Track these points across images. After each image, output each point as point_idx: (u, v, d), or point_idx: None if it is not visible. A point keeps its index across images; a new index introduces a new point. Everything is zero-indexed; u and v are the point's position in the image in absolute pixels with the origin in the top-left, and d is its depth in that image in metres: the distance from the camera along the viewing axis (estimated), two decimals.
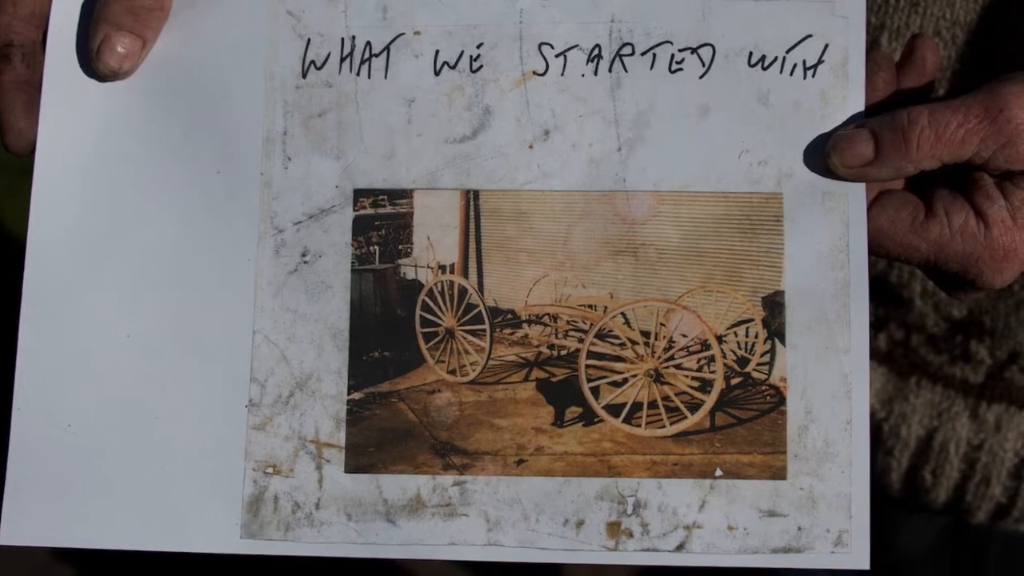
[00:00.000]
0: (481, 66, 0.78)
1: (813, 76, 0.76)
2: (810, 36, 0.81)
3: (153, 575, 1.93)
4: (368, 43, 0.79)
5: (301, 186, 0.84)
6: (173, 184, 0.78)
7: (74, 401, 0.74)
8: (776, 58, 0.76)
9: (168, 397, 0.76)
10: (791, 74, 0.76)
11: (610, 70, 0.77)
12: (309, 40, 0.85)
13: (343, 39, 0.85)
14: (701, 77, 0.77)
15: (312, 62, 0.79)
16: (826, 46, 0.75)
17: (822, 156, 0.81)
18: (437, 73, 0.84)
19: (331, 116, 0.84)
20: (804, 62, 0.76)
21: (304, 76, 0.80)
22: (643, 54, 0.77)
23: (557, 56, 0.77)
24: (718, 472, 0.81)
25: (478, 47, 0.77)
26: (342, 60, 0.84)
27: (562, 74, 0.78)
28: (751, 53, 0.77)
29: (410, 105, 0.79)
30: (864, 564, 0.72)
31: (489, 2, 0.83)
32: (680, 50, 0.76)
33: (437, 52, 0.78)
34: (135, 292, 0.76)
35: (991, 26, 0.77)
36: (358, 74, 0.84)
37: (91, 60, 0.72)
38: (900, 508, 1.06)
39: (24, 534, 0.71)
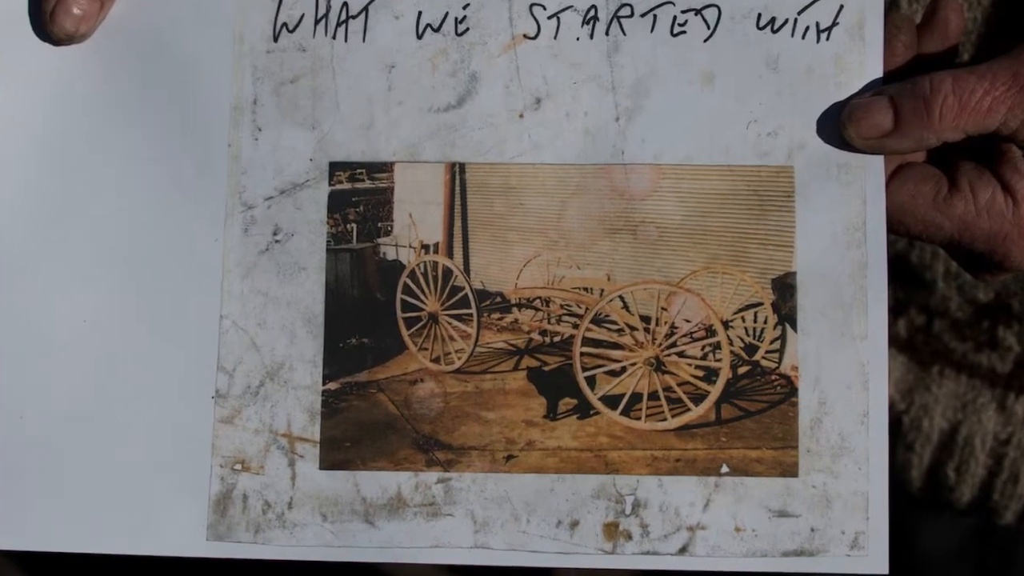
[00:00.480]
0: (467, 28, 0.77)
1: (827, 39, 0.75)
2: None
3: None
4: (345, 3, 0.77)
5: (272, 159, 0.84)
6: (133, 157, 0.77)
7: (26, 391, 0.73)
8: (787, 20, 0.75)
9: (128, 388, 0.76)
10: (803, 37, 0.75)
11: (607, 33, 0.77)
12: (281, 0, 0.84)
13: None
14: (706, 41, 0.77)
15: (284, 24, 0.78)
16: (841, 7, 0.74)
17: (837, 126, 0.81)
18: (419, 36, 0.83)
19: (304, 83, 0.84)
20: (817, 24, 0.75)
21: (275, 39, 0.79)
22: (643, 16, 0.76)
23: (550, 18, 0.76)
24: (724, 469, 0.81)
25: (464, 8, 0.76)
26: (316, 22, 0.83)
27: (555, 37, 0.77)
28: (760, 15, 0.76)
29: (390, 71, 0.79)
30: (882, 568, 0.72)
31: None
32: (683, 11, 0.75)
33: (419, 13, 0.77)
34: (92, 274, 0.75)
35: None
36: (334, 37, 0.84)
37: (44, 23, 0.71)
38: (921, 508, 1.07)
39: None
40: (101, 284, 0.75)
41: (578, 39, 0.81)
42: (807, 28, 0.79)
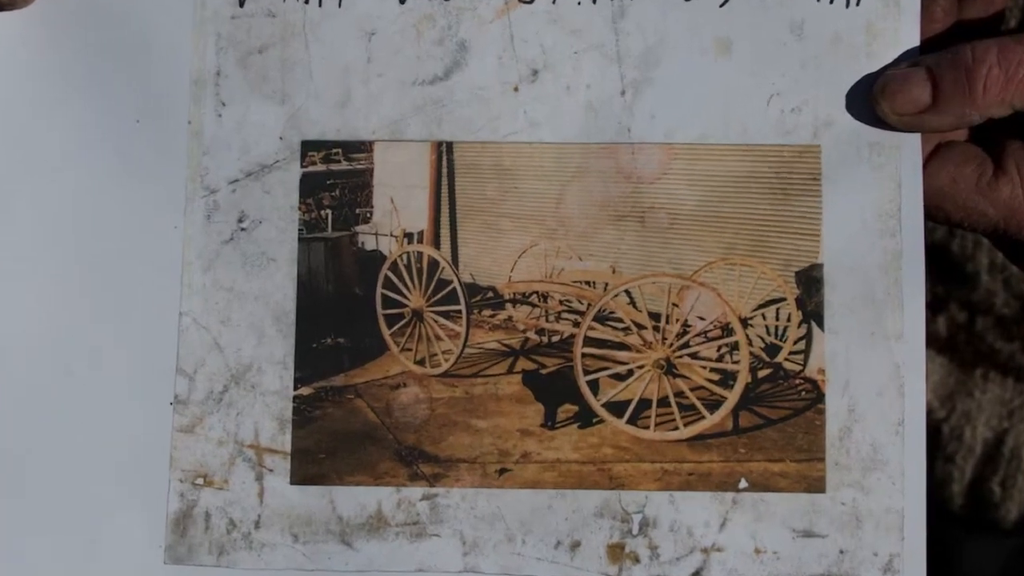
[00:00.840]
0: None
1: (857, 4, 0.74)
2: None
3: None
4: None
5: (237, 137, 0.82)
6: (83, 136, 0.76)
7: None
8: None
9: (78, 392, 0.75)
10: (831, 1, 0.74)
11: None
12: None
13: None
14: (722, 5, 0.75)
15: None
16: None
17: (868, 101, 0.80)
18: (402, 0, 0.82)
19: (274, 52, 0.82)
20: None
21: (241, 4, 0.79)
22: None
23: None
24: (743, 483, 0.80)
25: None
26: None
27: (554, 2, 0.76)
28: None
29: (370, 39, 0.78)
30: None
31: None
32: None
33: None
34: (39, 266, 0.75)
35: None
36: (307, 2, 0.83)
37: None
38: (962, 527, 1.06)
39: None
40: (44, 276, 0.75)
41: (579, 3, 0.79)
42: None
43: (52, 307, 0.78)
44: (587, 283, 0.80)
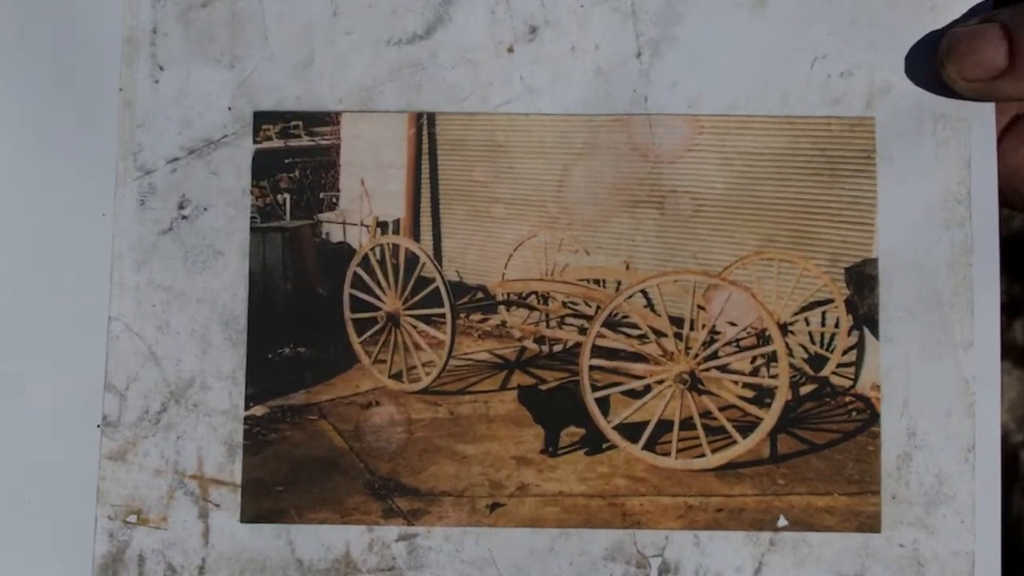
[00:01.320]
0: None
1: None
2: None
3: None
4: None
5: (177, 108, 0.80)
6: None
7: None
8: None
9: None
10: None
11: None
12: None
13: None
14: None
15: None
16: None
17: (932, 64, 0.78)
18: None
19: (221, 6, 0.80)
20: None
21: None
22: None
23: None
24: (782, 521, 0.78)
25: None
26: None
27: None
28: None
29: None
30: None
31: None
32: None
33: None
34: None
35: None
36: None
37: None
38: None
39: None
40: None
41: None
42: None
43: None
44: (596, 282, 0.77)
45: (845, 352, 0.77)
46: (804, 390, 0.77)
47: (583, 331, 0.77)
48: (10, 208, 0.76)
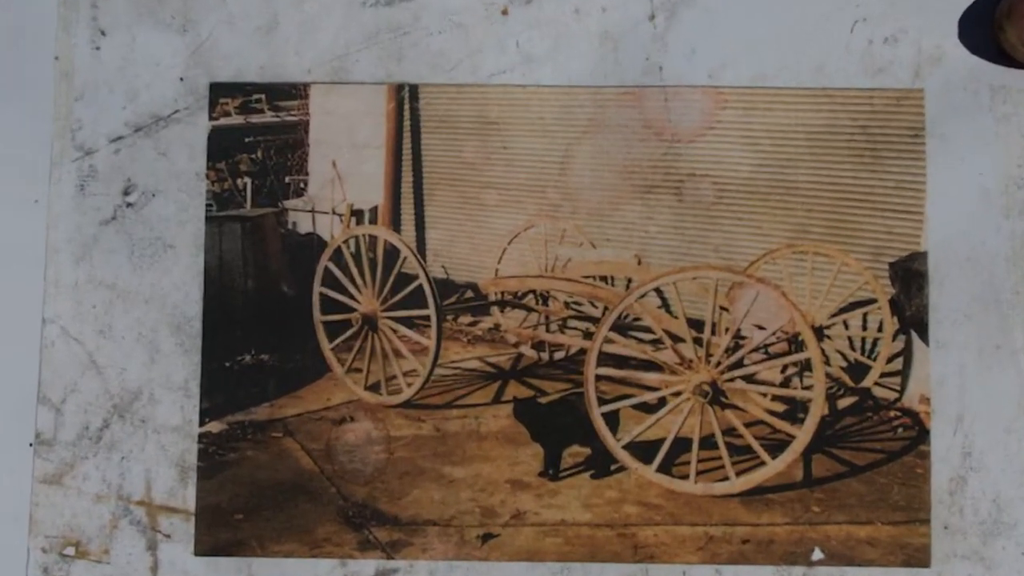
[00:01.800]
0: None
1: None
2: None
3: None
4: None
5: (122, 79, 0.78)
6: None
7: None
8: None
9: None
10: None
11: None
12: None
13: None
14: None
15: None
16: None
17: (989, 28, 0.75)
18: None
19: None
20: None
21: None
22: None
23: None
24: (817, 554, 0.75)
25: None
26: None
27: None
28: None
29: None
30: None
31: None
32: None
33: None
34: None
35: None
36: None
37: None
38: None
39: None
40: None
41: None
42: None
43: None
44: (603, 279, 0.74)
45: (890, 360, 0.74)
46: (842, 404, 0.75)
47: (588, 336, 0.74)
48: None
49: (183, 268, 0.74)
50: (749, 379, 0.75)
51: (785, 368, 0.75)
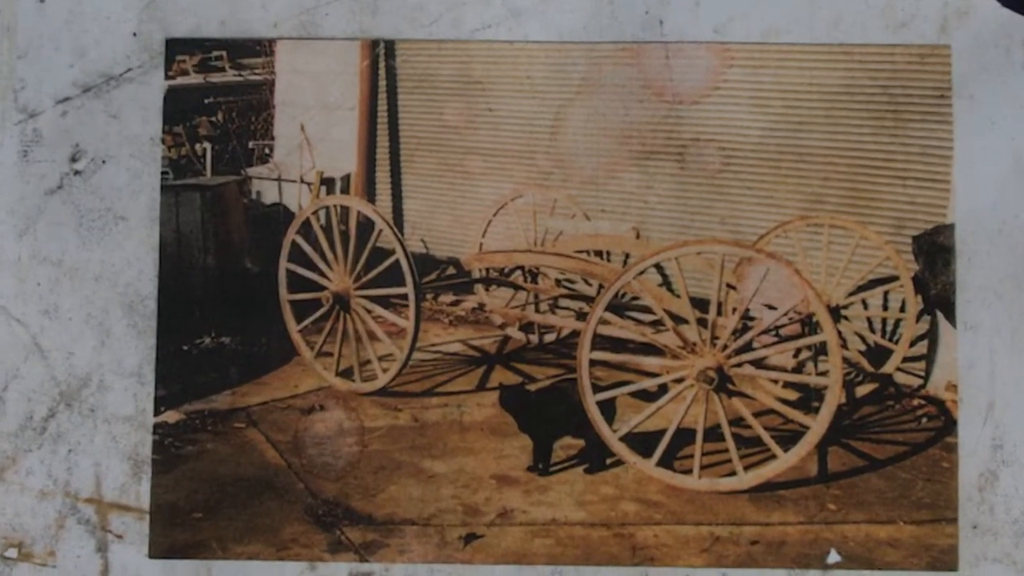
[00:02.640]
0: None
1: None
2: None
3: None
4: None
5: (69, 33, 0.74)
6: None
7: None
8: None
9: None
10: None
11: None
12: None
13: None
14: None
15: None
16: None
17: None
18: None
19: None
20: None
21: None
22: None
23: None
24: (833, 556, 0.71)
25: None
26: None
27: None
28: None
29: None
30: None
31: None
32: None
33: None
34: None
35: None
36: None
37: None
38: None
39: None
40: None
41: None
42: None
43: None
44: (598, 254, 0.77)
45: (913, 343, 0.77)
46: (861, 391, 0.76)
47: (582, 316, 0.76)
48: None
49: (136, 242, 0.70)
50: (758, 364, 0.73)
51: (798, 352, 0.73)
